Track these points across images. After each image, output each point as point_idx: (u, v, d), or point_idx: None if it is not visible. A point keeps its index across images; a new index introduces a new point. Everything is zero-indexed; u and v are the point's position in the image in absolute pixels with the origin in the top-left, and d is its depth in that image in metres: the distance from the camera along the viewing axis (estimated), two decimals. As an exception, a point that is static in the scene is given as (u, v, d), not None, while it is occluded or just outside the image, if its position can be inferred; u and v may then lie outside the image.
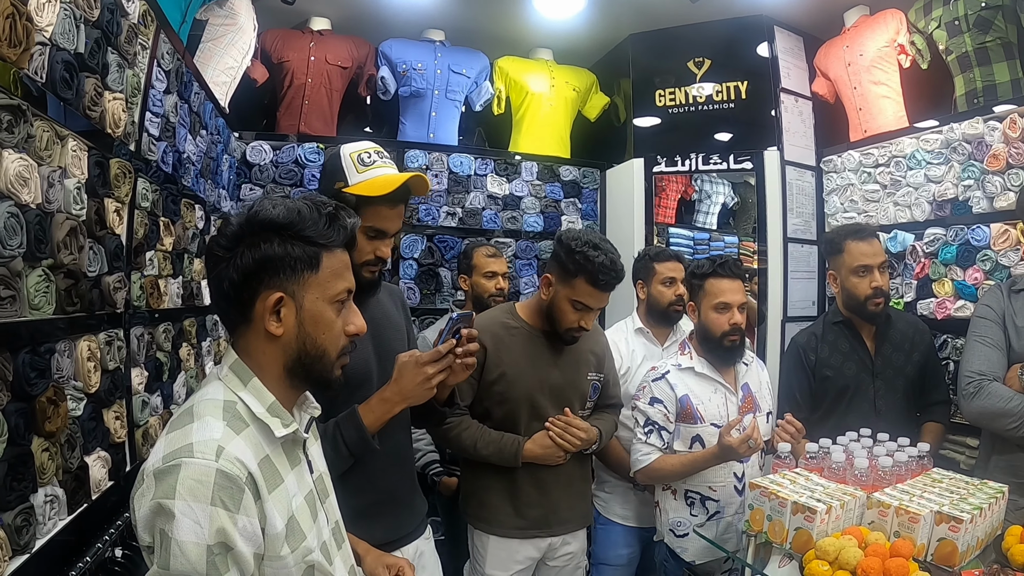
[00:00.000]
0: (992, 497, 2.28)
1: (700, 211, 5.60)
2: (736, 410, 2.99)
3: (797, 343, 3.39)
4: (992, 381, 2.70)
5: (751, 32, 4.77)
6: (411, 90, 4.80)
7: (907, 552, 1.99)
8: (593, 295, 2.68)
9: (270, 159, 4.36)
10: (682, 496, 2.99)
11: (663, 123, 4.99)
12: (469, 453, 2.83)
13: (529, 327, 2.90)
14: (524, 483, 2.84)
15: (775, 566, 2.25)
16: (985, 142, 3.60)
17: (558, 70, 5.21)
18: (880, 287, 3.13)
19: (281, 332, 1.43)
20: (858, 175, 4.39)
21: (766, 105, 4.71)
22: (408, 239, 4.59)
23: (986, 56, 3.85)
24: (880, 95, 4.39)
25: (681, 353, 3.10)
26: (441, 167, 4.75)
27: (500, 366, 2.82)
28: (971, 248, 3.65)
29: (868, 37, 4.42)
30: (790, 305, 4.56)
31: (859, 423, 2.89)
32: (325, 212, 1.46)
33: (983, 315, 2.88)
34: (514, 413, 2.84)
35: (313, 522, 1.51)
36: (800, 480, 2.42)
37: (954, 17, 3.94)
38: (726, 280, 2.96)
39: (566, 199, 5.10)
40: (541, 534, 2.88)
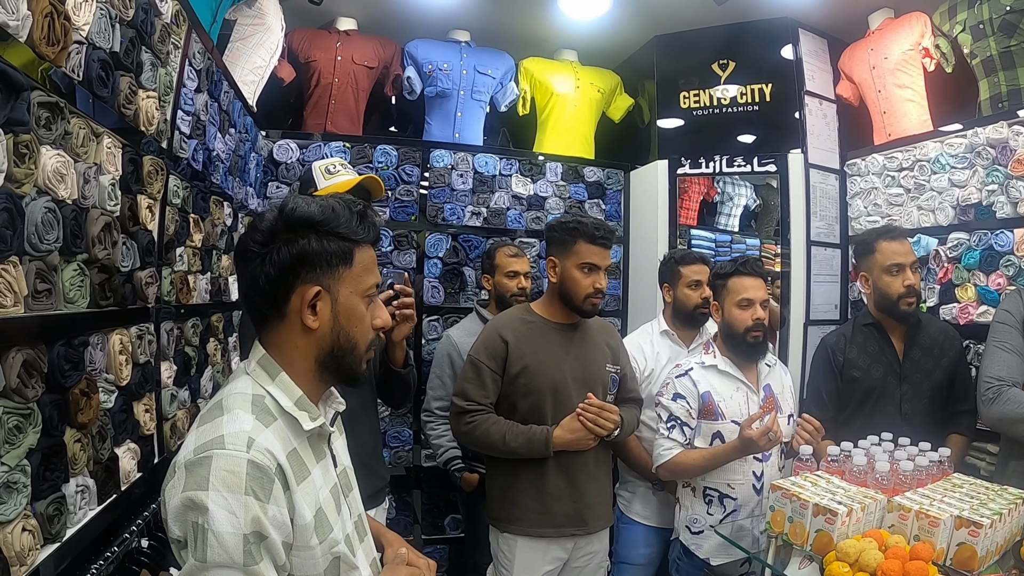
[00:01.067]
0: (1012, 503, 2.27)
1: (722, 213, 5.57)
2: (757, 409, 2.99)
3: (826, 343, 3.39)
4: (1011, 387, 2.69)
5: (776, 34, 4.75)
6: (437, 90, 4.82)
7: (927, 556, 2.00)
8: (595, 252, 2.87)
9: (296, 157, 4.39)
10: (700, 493, 3.01)
11: (687, 125, 4.98)
12: (498, 448, 2.86)
13: (546, 321, 2.98)
14: (553, 480, 2.87)
15: (795, 567, 2.26)
16: (1009, 147, 3.56)
17: (583, 71, 5.21)
18: (913, 285, 3.11)
19: (317, 326, 1.47)
20: (882, 179, 4.37)
21: (790, 107, 4.70)
22: (433, 238, 4.62)
23: (1011, 60, 3.80)
24: (904, 98, 4.36)
25: (705, 352, 3.14)
26: (466, 167, 4.76)
27: (522, 359, 2.89)
28: (994, 253, 3.61)
29: (892, 40, 4.38)
30: (813, 309, 4.54)
31: (884, 426, 2.90)
32: (356, 210, 1.51)
33: (1003, 320, 2.86)
34: (540, 405, 2.89)
35: (338, 515, 1.54)
36: (821, 482, 2.43)
37: (979, 21, 3.90)
38: (748, 278, 3.01)
39: (590, 200, 5.10)
40: (570, 532, 2.91)
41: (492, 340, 2.95)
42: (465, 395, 2.92)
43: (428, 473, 4.53)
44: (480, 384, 2.91)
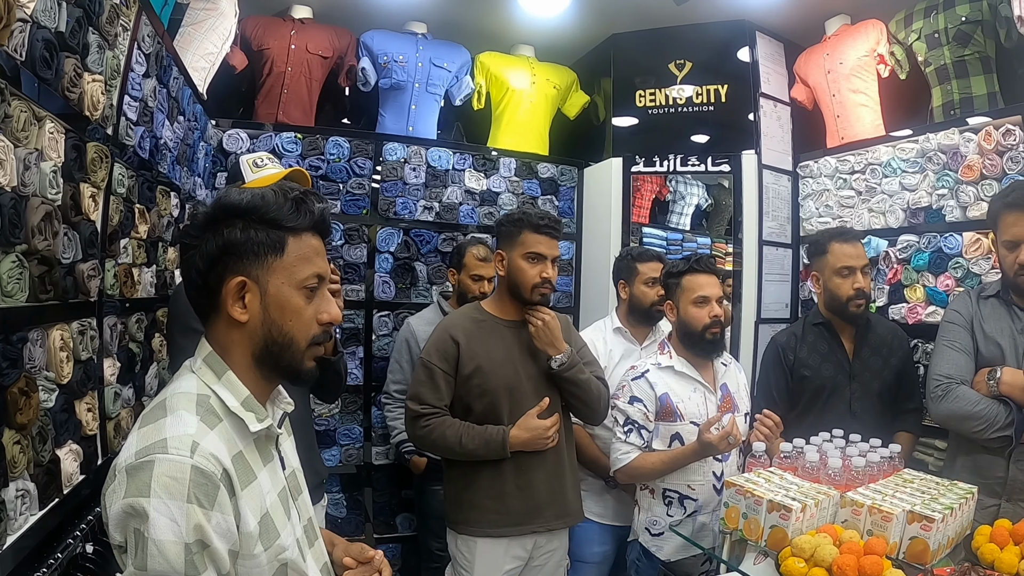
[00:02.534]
0: (962, 497, 2.32)
1: (674, 212, 5.60)
2: (716, 409, 3.01)
3: (777, 342, 3.44)
4: (960, 384, 2.73)
5: (733, 36, 4.79)
6: (391, 82, 4.76)
7: (880, 550, 2.01)
8: (541, 241, 2.86)
9: (247, 147, 4.27)
10: (660, 495, 3.00)
11: (642, 123, 4.98)
12: (455, 451, 2.84)
13: (497, 319, 2.96)
14: (511, 479, 2.85)
15: (750, 563, 2.27)
16: (960, 153, 3.65)
17: (539, 67, 5.18)
18: (862, 288, 3.18)
19: (246, 318, 1.41)
20: (834, 181, 4.43)
21: (745, 109, 4.74)
22: (384, 232, 4.54)
23: (964, 69, 3.91)
24: (858, 103, 4.44)
25: (661, 352, 3.12)
26: (419, 160, 4.69)
27: (475, 359, 2.86)
28: (943, 255, 3.70)
29: (848, 46, 4.46)
30: (764, 307, 4.59)
31: (834, 424, 2.92)
32: (291, 196, 1.45)
33: (952, 320, 2.91)
34: (495, 405, 2.86)
35: (287, 520, 1.49)
36: (775, 479, 2.44)
37: (934, 30, 4.00)
38: (703, 275, 3.01)
39: (543, 196, 5.07)
40: (530, 530, 2.89)
41: (443, 341, 2.91)
42: (419, 398, 2.88)
43: (379, 471, 4.48)
44: (433, 387, 2.87)
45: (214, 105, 4.05)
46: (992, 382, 2.65)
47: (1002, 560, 2.09)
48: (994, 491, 2.66)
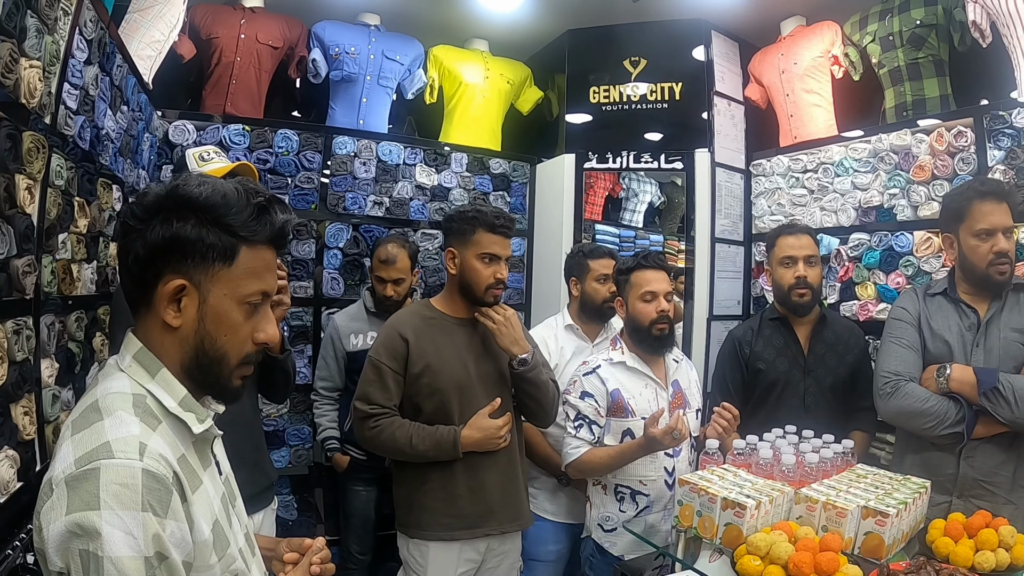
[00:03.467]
0: (916, 492, 2.35)
1: (627, 209, 5.59)
2: (667, 405, 3.01)
3: (734, 335, 3.48)
4: (909, 381, 2.77)
5: (689, 35, 4.82)
6: (342, 74, 4.67)
7: (836, 546, 2.02)
8: (496, 241, 2.81)
9: (193, 140, 4.15)
10: (612, 491, 2.99)
11: (596, 120, 4.98)
12: (405, 452, 2.78)
13: (447, 316, 2.92)
14: (463, 481, 2.81)
15: (705, 561, 2.26)
16: (912, 153, 3.76)
17: (493, 62, 5.15)
18: (803, 277, 3.22)
19: (178, 324, 1.30)
20: (786, 179, 4.50)
21: (699, 107, 4.76)
22: (333, 228, 4.46)
23: (917, 71, 4.01)
24: (811, 103, 4.51)
25: (612, 348, 3.13)
26: (370, 155, 4.61)
27: (424, 357, 2.82)
28: (894, 254, 3.81)
29: (803, 46, 4.53)
30: (716, 304, 4.62)
31: (788, 418, 2.93)
32: (255, 201, 1.33)
33: (899, 317, 2.95)
34: (445, 404, 2.82)
35: (230, 527, 1.40)
36: (729, 476, 2.44)
37: (889, 32, 4.10)
38: (651, 271, 3.02)
39: (495, 192, 5.04)
40: (483, 533, 2.85)
41: (391, 339, 2.86)
42: (367, 398, 2.83)
43: (330, 471, 4.37)
44: (382, 386, 2.82)
45: (160, 95, 3.90)
46: (942, 379, 2.69)
47: (957, 553, 2.14)
48: (945, 488, 2.70)
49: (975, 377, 2.62)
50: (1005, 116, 3.39)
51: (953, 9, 3.85)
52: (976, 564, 2.10)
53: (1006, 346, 2.71)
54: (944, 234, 2.93)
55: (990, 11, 3.60)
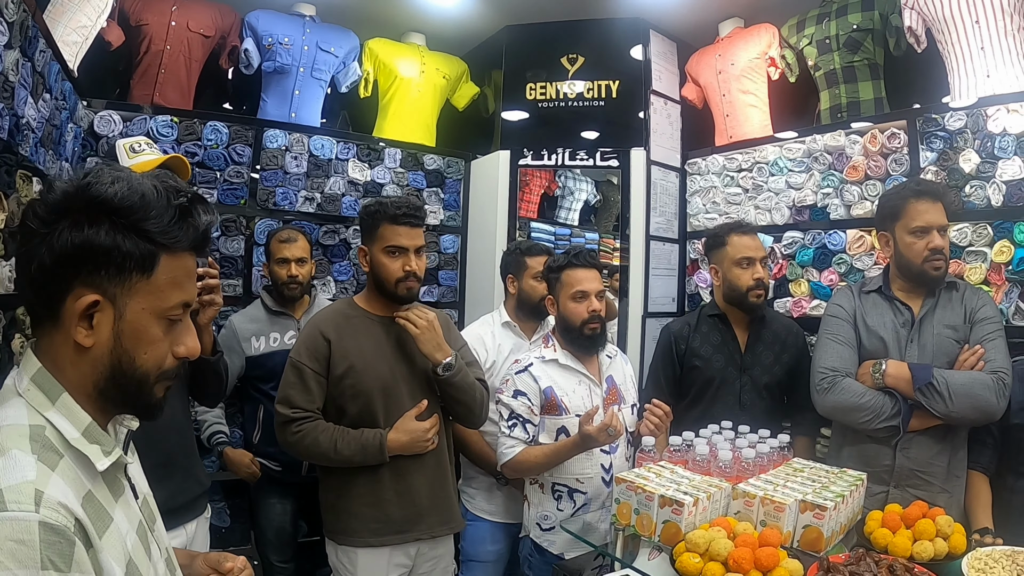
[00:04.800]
0: (852, 485, 2.37)
1: (562, 207, 5.62)
2: (601, 402, 2.98)
3: (670, 331, 3.46)
4: (845, 377, 2.80)
5: (627, 33, 4.82)
6: (275, 65, 4.54)
7: (775, 540, 2.01)
8: (401, 232, 2.72)
9: (119, 131, 3.95)
10: (549, 489, 2.95)
11: (532, 117, 4.94)
12: (330, 458, 2.68)
13: (369, 314, 2.83)
14: (390, 485, 2.73)
15: (644, 559, 2.23)
16: (846, 154, 3.88)
17: (429, 56, 5.09)
18: (762, 279, 3.24)
19: (91, 343, 1.16)
20: (721, 178, 4.56)
21: (636, 106, 4.77)
22: (263, 224, 4.30)
23: (853, 74, 4.11)
24: (747, 103, 4.57)
25: (545, 346, 3.08)
26: (301, 149, 4.50)
27: (347, 358, 2.72)
28: (827, 252, 3.91)
29: (741, 48, 4.59)
30: (651, 301, 4.63)
31: (724, 415, 2.95)
32: (176, 203, 1.18)
33: (835, 314, 2.99)
34: (370, 406, 2.73)
35: (148, 560, 1.27)
36: (665, 473, 2.41)
37: (826, 36, 4.18)
38: (582, 270, 2.98)
39: (429, 188, 4.96)
40: (413, 537, 2.78)
41: (313, 339, 2.75)
42: (289, 402, 2.70)
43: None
44: (304, 389, 2.70)
45: (86, 84, 3.73)
46: (877, 374, 2.73)
47: (895, 544, 2.17)
48: (882, 479, 2.76)
49: (910, 372, 2.67)
50: (938, 119, 3.51)
51: (890, 15, 3.97)
52: (914, 554, 2.12)
53: (940, 342, 2.78)
54: (880, 232, 2.98)
55: (926, 18, 3.73)
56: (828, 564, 1.96)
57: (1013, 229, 3.24)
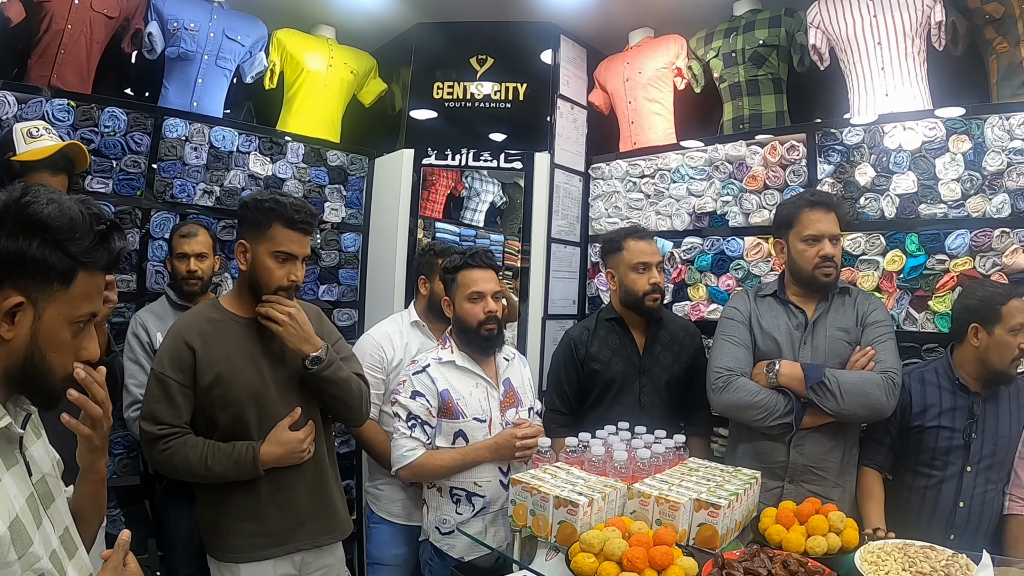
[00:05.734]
0: (746, 483, 2.41)
1: (468, 208, 5.59)
2: (498, 405, 2.95)
3: (569, 336, 3.44)
4: (740, 376, 2.86)
5: (538, 37, 4.80)
6: (179, 51, 4.29)
7: (669, 539, 2.01)
8: (294, 239, 2.53)
9: (14, 113, 3.62)
10: (448, 493, 2.87)
11: (438, 116, 4.87)
12: (201, 475, 2.49)
13: (237, 318, 2.61)
14: (268, 497, 2.58)
15: (542, 560, 2.21)
16: (746, 164, 3.98)
17: (338, 50, 4.95)
18: (658, 283, 3.27)
19: (11, 337, 1.32)
20: (624, 183, 4.59)
21: (542, 109, 4.74)
22: (159, 217, 4.03)
23: (756, 87, 4.21)
24: (653, 111, 4.61)
25: (442, 347, 3.01)
26: (202, 140, 4.26)
27: (214, 367, 2.51)
28: (725, 257, 4.00)
29: (649, 57, 4.63)
30: (551, 304, 4.62)
31: (624, 417, 2.93)
32: (98, 228, 1.37)
33: (731, 316, 3.05)
34: (241, 417, 2.54)
35: (37, 528, 1.36)
36: (561, 474, 2.39)
37: (732, 50, 4.26)
38: (478, 270, 2.93)
39: (331, 185, 4.80)
40: (294, 548, 2.64)
41: (176, 348, 2.52)
42: (155, 418, 2.47)
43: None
44: (170, 403, 2.48)
45: None
46: (771, 374, 2.80)
47: (789, 540, 2.21)
48: (776, 474, 2.85)
49: (803, 372, 2.75)
50: (836, 134, 3.67)
51: (795, 32, 4.09)
52: (808, 549, 2.17)
53: (832, 344, 2.87)
54: (776, 239, 3.06)
55: (830, 37, 3.89)
56: (723, 561, 1.96)
57: (905, 240, 3.42)
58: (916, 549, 2.18)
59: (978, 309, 2.84)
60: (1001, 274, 3.19)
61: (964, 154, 3.33)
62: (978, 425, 2.82)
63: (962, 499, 2.80)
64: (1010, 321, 2.75)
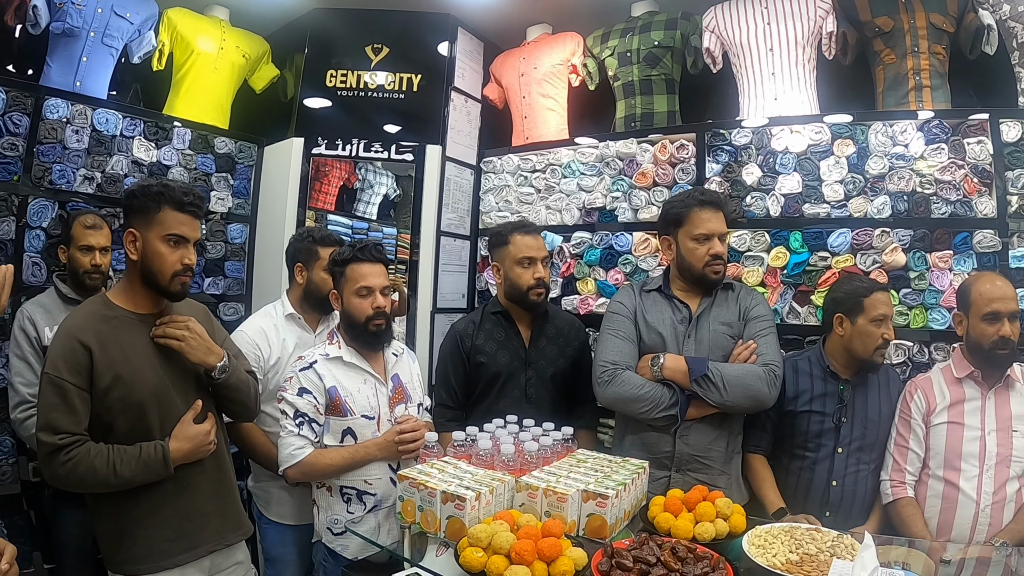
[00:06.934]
0: (634, 473, 2.42)
1: (361, 200, 5.50)
2: (387, 401, 2.86)
3: (455, 329, 3.40)
4: (625, 370, 2.87)
5: (435, 28, 4.73)
6: (64, 27, 3.97)
7: (558, 531, 1.99)
8: (184, 222, 2.41)
9: None
10: (338, 493, 2.77)
11: (331, 105, 4.73)
12: (109, 483, 2.28)
13: (130, 313, 2.44)
14: (173, 501, 2.42)
15: (432, 556, 2.17)
16: (637, 161, 4.04)
17: (231, 33, 4.72)
18: (542, 278, 3.25)
19: None
20: (515, 178, 4.57)
21: (436, 101, 4.67)
22: (36, 204, 3.74)
23: (650, 87, 4.28)
24: (546, 107, 4.63)
25: (330, 342, 2.89)
26: (84, 122, 3.97)
27: (112, 367, 2.32)
28: (614, 252, 4.04)
29: (545, 53, 4.64)
30: (440, 297, 4.56)
31: (511, 409, 2.93)
32: None
33: (616, 311, 3.05)
34: (143, 419, 2.37)
35: None
36: (449, 468, 2.36)
37: (628, 49, 4.31)
38: (367, 264, 2.83)
39: (218, 173, 4.58)
40: (205, 551, 2.49)
41: (71, 350, 2.29)
42: (53, 427, 2.24)
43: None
44: (69, 409, 2.27)
45: None
46: (656, 367, 2.82)
47: (677, 527, 2.24)
48: (663, 464, 2.88)
49: (687, 365, 2.78)
50: (725, 134, 3.76)
51: (691, 35, 4.17)
52: (697, 535, 2.20)
53: (715, 338, 2.91)
54: (663, 236, 3.06)
55: (724, 41, 3.99)
56: (612, 550, 1.96)
57: (789, 237, 3.56)
58: (803, 531, 2.25)
59: (843, 301, 2.99)
60: (881, 271, 3.37)
61: (848, 158, 3.50)
62: (848, 410, 2.96)
63: (835, 478, 2.93)
64: (872, 312, 2.90)
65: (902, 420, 2.93)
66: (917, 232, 3.36)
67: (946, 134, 3.33)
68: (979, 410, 2.79)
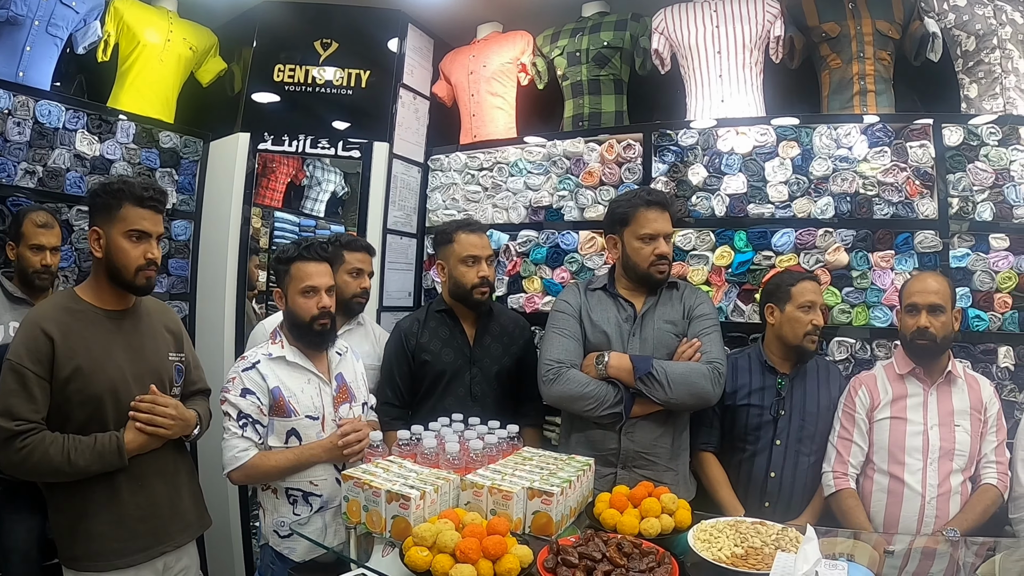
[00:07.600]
0: (580, 470, 2.43)
1: (309, 197, 5.45)
2: (331, 400, 2.81)
3: (400, 327, 3.37)
4: (570, 368, 2.87)
5: (385, 24, 4.66)
6: (7, 15, 3.81)
7: (503, 528, 1.98)
8: (145, 217, 2.44)
9: None
10: (284, 495, 2.72)
11: (279, 100, 4.62)
12: (64, 471, 2.27)
13: (95, 308, 2.45)
14: (129, 498, 2.41)
15: (379, 556, 2.13)
16: (583, 160, 4.05)
17: (178, 24, 4.59)
18: (486, 277, 3.26)
19: None
20: (462, 176, 4.55)
21: (384, 98, 4.60)
22: None
23: (598, 87, 4.28)
24: (495, 105, 4.60)
25: (272, 342, 2.83)
26: (26, 114, 3.81)
27: (73, 359, 2.32)
28: (560, 250, 4.05)
29: (495, 51, 4.61)
30: (386, 295, 4.51)
31: (456, 407, 2.93)
32: None
33: (561, 309, 3.05)
34: (99, 412, 2.36)
35: None
36: (394, 468, 2.35)
37: (577, 49, 4.30)
38: (312, 263, 2.79)
39: (162, 168, 4.43)
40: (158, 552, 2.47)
41: (34, 338, 2.32)
42: (11, 413, 2.25)
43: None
44: (28, 397, 2.27)
45: None
46: (600, 366, 2.83)
47: (623, 523, 2.24)
48: (609, 461, 2.88)
49: (631, 363, 2.80)
50: (672, 135, 3.80)
51: (640, 36, 4.18)
52: (642, 530, 2.21)
53: (660, 336, 2.93)
54: (609, 235, 3.07)
55: (673, 43, 4.01)
56: (558, 547, 1.96)
57: (733, 237, 3.61)
58: (747, 525, 2.28)
59: (772, 291, 3.10)
60: (824, 270, 3.44)
61: (792, 159, 3.55)
62: (786, 402, 3.03)
63: (773, 470, 3.00)
64: (799, 299, 3.00)
65: (846, 414, 2.99)
66: (859, 232, 3.43)
67: (889, 138, 3.42)
68: (921, 405, 2.86)
